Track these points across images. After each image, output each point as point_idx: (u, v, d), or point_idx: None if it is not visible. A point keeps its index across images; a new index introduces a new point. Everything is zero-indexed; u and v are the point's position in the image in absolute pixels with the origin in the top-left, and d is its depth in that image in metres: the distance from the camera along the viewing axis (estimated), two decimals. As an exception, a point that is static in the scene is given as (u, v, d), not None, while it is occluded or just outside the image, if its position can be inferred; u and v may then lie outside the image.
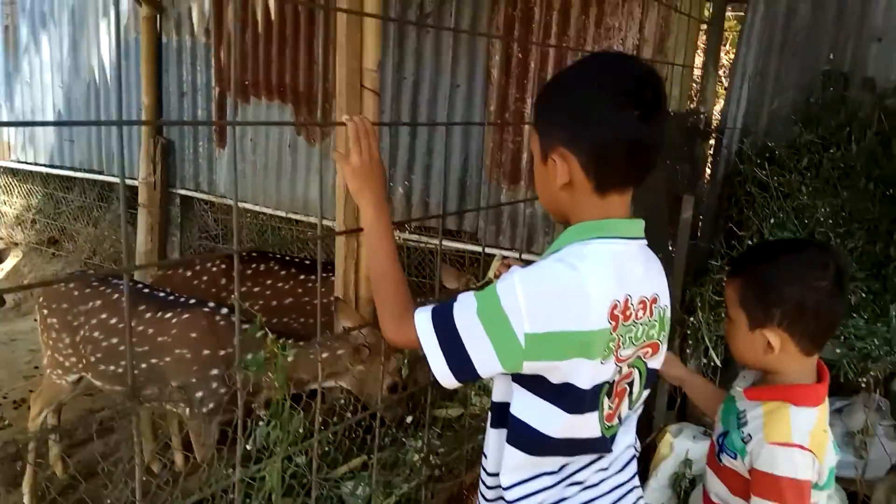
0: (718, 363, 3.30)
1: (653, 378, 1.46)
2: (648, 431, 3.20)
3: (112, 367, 2.86)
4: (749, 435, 1.59)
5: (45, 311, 3.02)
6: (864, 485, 2.98)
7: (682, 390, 1.99)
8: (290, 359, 2.47)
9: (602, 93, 1.26)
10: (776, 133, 3.75)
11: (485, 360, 1.25)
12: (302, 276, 3.58)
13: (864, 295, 3.06)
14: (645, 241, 1.38)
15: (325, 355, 2.54)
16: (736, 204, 3.67)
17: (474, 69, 4.25)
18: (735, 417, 1.66)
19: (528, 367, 1.25)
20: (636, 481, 1.51)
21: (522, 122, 4.11)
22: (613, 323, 1.27)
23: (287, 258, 3.75)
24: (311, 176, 4.87)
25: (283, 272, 3.59)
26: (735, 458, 1.61)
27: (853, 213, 3.29)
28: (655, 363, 1.44)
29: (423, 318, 1.31)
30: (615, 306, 1.27)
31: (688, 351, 3.42)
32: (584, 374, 1.26)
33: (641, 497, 1.52)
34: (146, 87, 5.46)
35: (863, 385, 3.05)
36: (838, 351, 2.93)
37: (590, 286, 1.24)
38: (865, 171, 3.35)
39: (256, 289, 3.55)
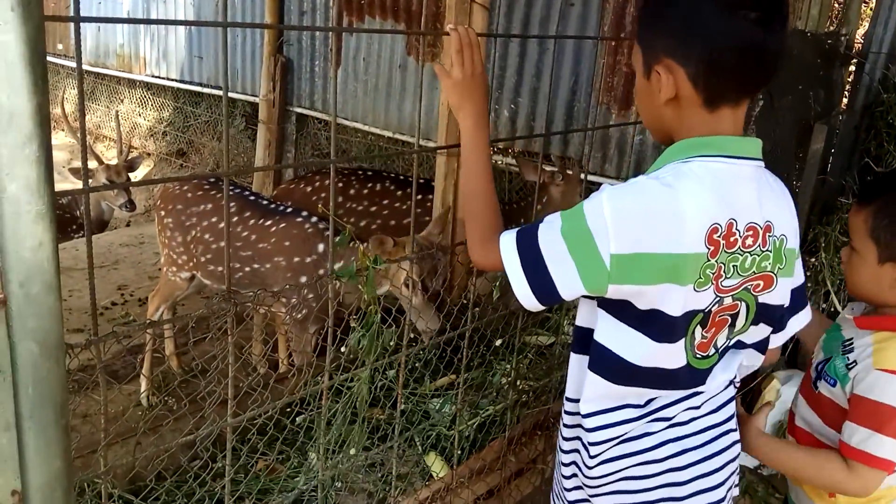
0: (840, 310, 3.10)
1: (769, 315, 1.34)
2: (753, 376, 3.07)
3: (220, 268, 3.02)
4: (855, 361, 1.51)
5: (162, 212, 3.21)
6: None
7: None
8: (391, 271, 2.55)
9: None
10: None
11: (567, 282, 1.19)
12: (419, 196, 3.60)
13: None
14: (762, 163, 1.26)
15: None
16: (875, 137, 3.39)
17: (591, -14, 4.04)
18: (840, 344, 1.57)
19: (613, 291, 1.18)
20: (732, 424, 1.43)
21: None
22: (712, 248, 1.17)
23: (402, 178, 3.76)
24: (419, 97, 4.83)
25: (399, 192, 3.60)
26: (834, 385, 1.55)
27: None
28: (771, 298, 1.32)
29: (507, 240, 1.27)
30: (715, 230, 1.17)
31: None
32: (674, 300, 1.18)
33: (737, 442, 1.43)
34: (269, 6, 5.58)
35: None
36: None
37: (686, 206, 1.15)
38: None
39: (373, 208, 3.61)
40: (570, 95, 4.21)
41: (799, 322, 1.45)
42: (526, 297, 1.24)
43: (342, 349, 1.92)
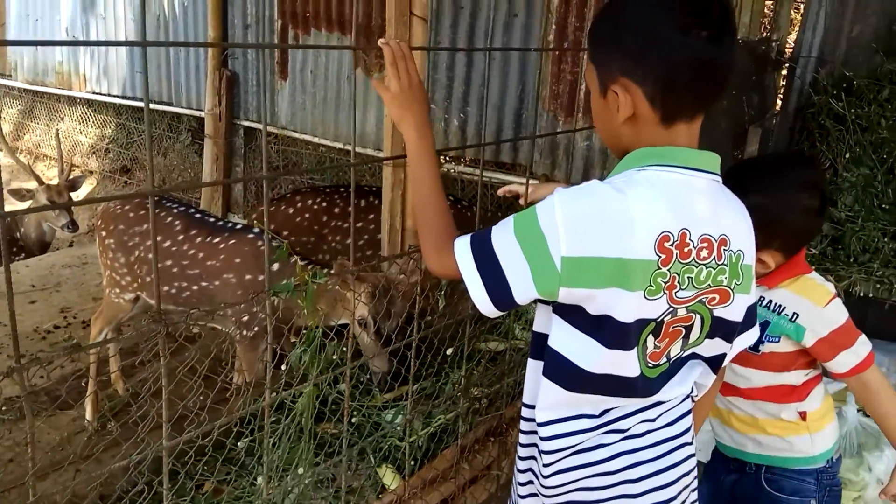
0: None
1: (725, 330, 1.34)
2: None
3: (165, 288, 2.95)
4: (796, 313, 1.78)
5: (104, 233, 3.12)
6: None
7: None
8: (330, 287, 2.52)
9: (665, 14, 1.16)
10: (855, 62, 3.54)
11: (520, 284, 1.19)
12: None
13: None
14: (719, 178, 1.27)
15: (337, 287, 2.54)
16: (808, 138, 3.54)
17: (533, -3, 4.08)
18: (765, 309, 1.82)
19: (564, 295, 1.18)
20: (688, 437, 1.42)
21: (579, 49, 3.95)
22: (663, 256, 1.17)
23: None
24: (368, 108, 4.83)
25: None
26: (778, 340, 1.81)
27: (937, 149, 3.15)
28: (727, 313, 1.32)
29: (462, 244, 1.26)
30: (667, 238, 1.17)
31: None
32: (625, 306, 1.18)
33: (693, 455, 1.43)
34: (212, 20, 5.52)
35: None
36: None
37: (635, 212, 1.15)
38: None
39: (359, 224, 3.57)
40: (518, 104, 4.25)
41: (743, 342, 1.43)
42: (483, 302, 1.23)
43: (282, 366, 1.89)
